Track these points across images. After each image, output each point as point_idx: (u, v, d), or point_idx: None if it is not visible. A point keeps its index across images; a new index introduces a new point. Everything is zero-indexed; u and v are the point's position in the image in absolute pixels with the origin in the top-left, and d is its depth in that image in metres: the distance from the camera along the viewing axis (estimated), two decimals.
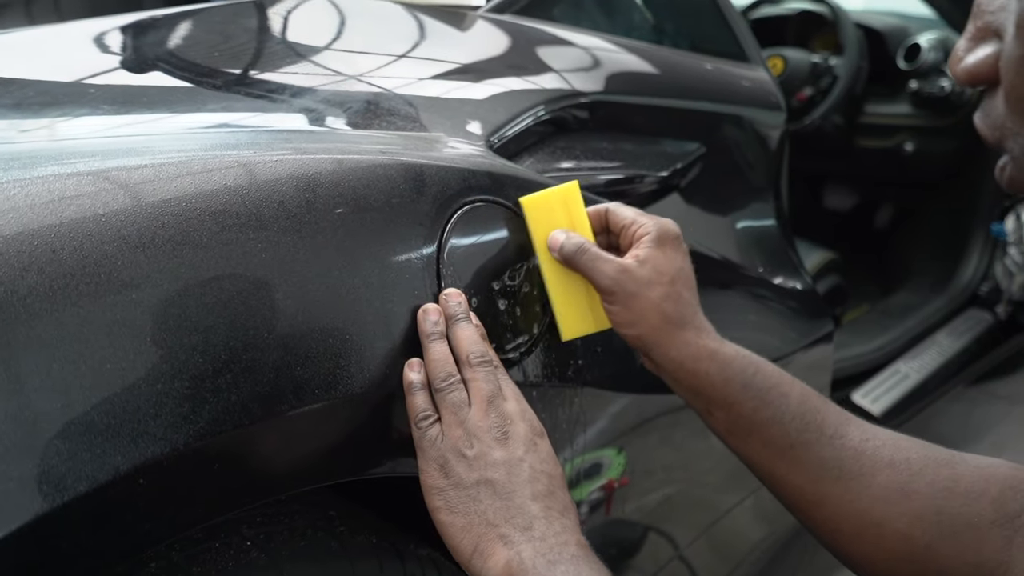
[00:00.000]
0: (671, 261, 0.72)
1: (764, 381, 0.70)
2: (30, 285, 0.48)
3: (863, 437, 0.67)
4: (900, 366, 2.03)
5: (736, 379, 0.69)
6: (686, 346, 0.71)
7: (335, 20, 0.98)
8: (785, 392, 0.69)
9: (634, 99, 1.08)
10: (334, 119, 0.78)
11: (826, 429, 0.68)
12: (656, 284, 0.71)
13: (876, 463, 0.66)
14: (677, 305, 0.71)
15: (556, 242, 0.73)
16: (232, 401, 0.54)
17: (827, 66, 2.29)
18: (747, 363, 0.71)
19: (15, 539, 0.46)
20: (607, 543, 1.01)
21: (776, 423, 0.68)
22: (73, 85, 0.78)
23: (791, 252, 1.30)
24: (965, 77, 0.48)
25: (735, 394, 0.69)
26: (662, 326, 0.71)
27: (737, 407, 0.69)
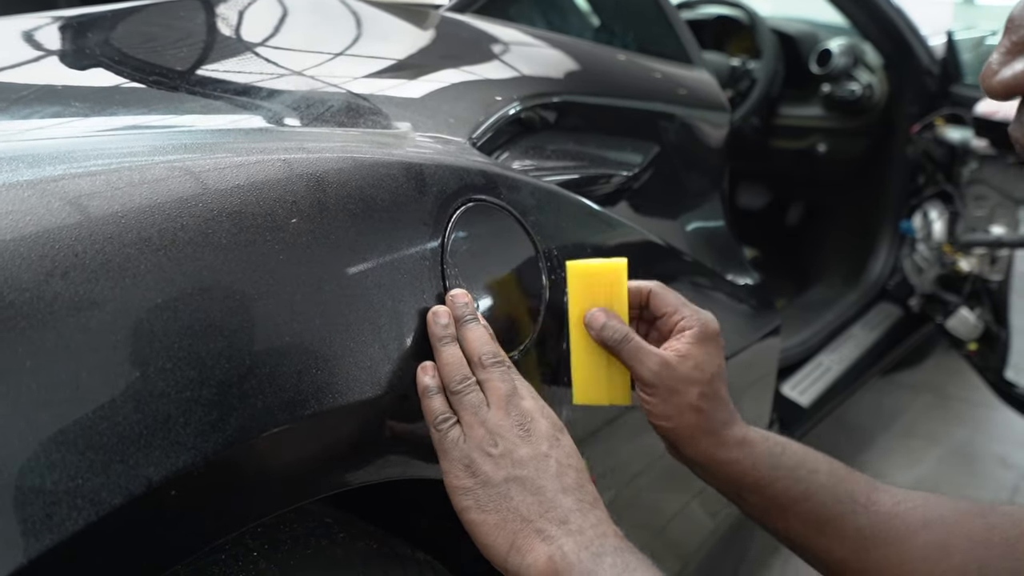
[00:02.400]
0: (712, 359, 0.72)
1: (791, 459, 0.71)
2: (55, 291, 0.46)
3: (894, 501, 0.69)
4: (823, 359, 2.11)
5: (764, 462, 0.71)
6: (716, 439, 0.72)
7: (306, 21, 0.96)
8: (813, 468, 0.71)
9: (597, 100, 1.10)
10: (324, 119, 0.77)
11: (859, 498, 0.69)
12: (696, 383, 0.71)
13: (912, 525, 0.67)
14: (714, 403, 0.71)
15: (597, 322, 0.72)
16: (258, 407, 0.52)
17: (745, 69, 2.36)
18: (773, 444, 0.72)
19: (48, 560, 0.43)
20: None
21: (809, 499, 0.69)
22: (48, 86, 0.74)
23: (738, 249, 1.33)
24: (1001, 90, 0.49)
25: (765, 477, 0.70)
26: (697, 422, 0.71)
27: (769, 489, 0.70)
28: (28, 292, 0.45)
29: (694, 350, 0.71)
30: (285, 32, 0.91)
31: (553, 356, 0.79)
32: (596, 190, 1.02)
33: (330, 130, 0.74)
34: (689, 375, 0.71)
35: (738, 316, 1.20)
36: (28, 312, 0.44)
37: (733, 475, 0.72)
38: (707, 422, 0.71)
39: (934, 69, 2.31)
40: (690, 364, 0.71)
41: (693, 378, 0.71)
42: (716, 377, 0.72)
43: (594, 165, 1.01)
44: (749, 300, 1.24)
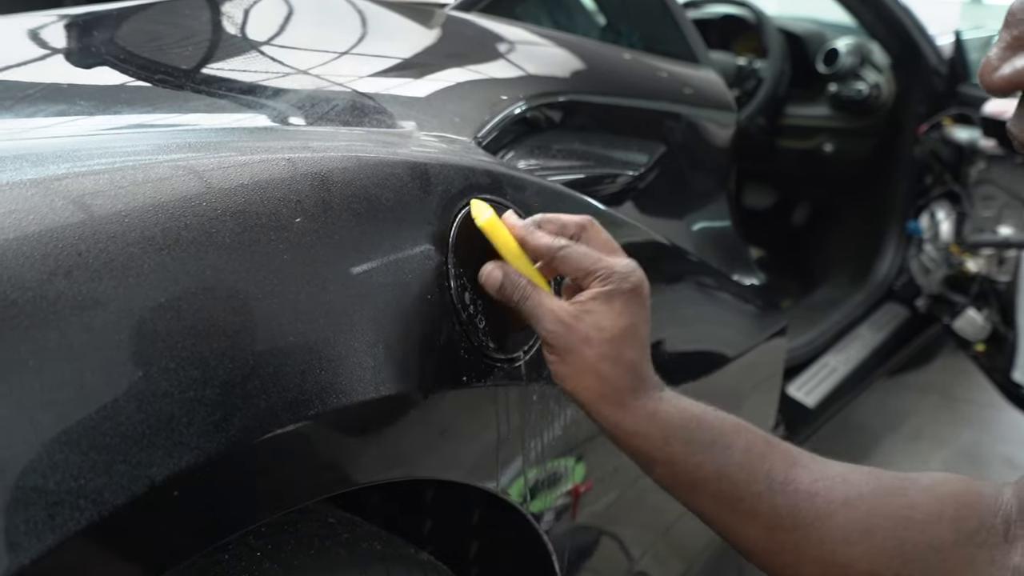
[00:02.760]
0: (619, 318, 0.66)
1: (706, 434, 0.66)
2: (59, 290, 0.46)
3: (812, 479, 0.65)
4: (829, 359, 2.10)
5: (677, 436, 0.66)
6: (624, 411, 0.66)
7: (301, 16, 0.95)
8: (728, 444, 0.66)
9: (603, 99, 1.09)
10: (329, 118, 0.76)
11: (775, 476, 0.65)
12: (594, 343, 0.65)
13: (831, 504, 0.64)
14: (616, 367, 0.66)
15: (495, 280, 0.68)
16: (261, 408, 0.52)
17: (752, 69, 2.36)
18: (688, 418, 0.67)
19: (50, 559, 0.43)
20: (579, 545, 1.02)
21: (722, 477, 0.65)
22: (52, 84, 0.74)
23: (745, 249, 1.33)
24: (1002, 86, 0.48)
25: (676, 452, 0.66)
26: (597, 387, 0.66)
27: (681, 465, 0.66)
28: (31, 291, 0.45)
29: (596, 307, 0.66)
30: (289, 30, 0.91)
31: None
32: (602, 190, 1.02)
33: (335, 129, 0.74)
34: (586, 334, 0.65)
35: (743, 317, 1.20)
36: (31, 311, 0.44)
37: (641, 448, 0.67)
38: (608, 388, 0.66)
39: (942, 69, 2.31)
40: (588, 322, 0.65)
41: (591, 338, 0.65)
42: (619, 339, 0.66)
43: (600, 165, 1.01)
44: (755, 300, 1.24)
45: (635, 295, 0.67)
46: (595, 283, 0.66)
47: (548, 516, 0.89)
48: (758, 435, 0.68)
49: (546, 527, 0.88)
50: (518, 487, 0.79)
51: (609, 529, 1.08)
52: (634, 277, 0.67)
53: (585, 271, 0.67)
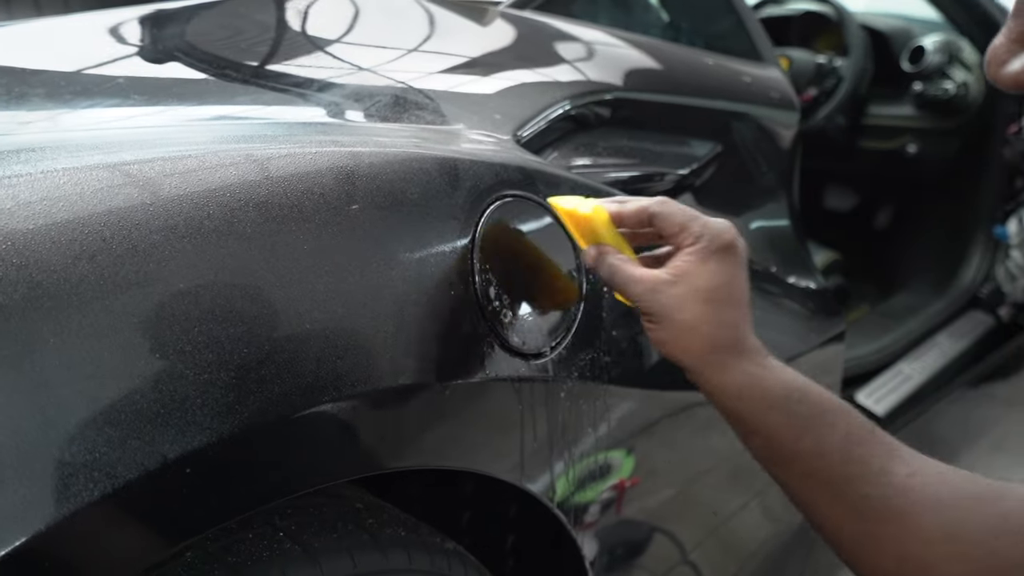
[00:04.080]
0: (713, 276, 0.65)
1: (809, 409, 0.65)
2: (82, 273, 0.48)
3: (909, 472, 0.63)
4: (903, 367, 2.04)
5: (779, 407, 0.65)
6: (725, 372, 0.66)
7: (361, 14, 0.98)
8: (831, 422, 0.65)
9: (654, 97, 1.09)
10: (366, 112, 0.78)
11: (872, 464, 0.63)
12: (692, 303, 0.65)
13: (923, 502, 0.62)
14: (716, 328, 0.65)
15: (591, 257, 0.70)
16: (276, 392, 0.54)
17: (832, 67, 2.30)
18: (792, 389, 0.65)
19: (66, 527, 0.46)
20: (619, 542, 1.02)
21: (819, 455, 0.64)
22: (103, 76, 0.78)
23: (804, 252, 1.30)
24: (1011, 82, 0.46)
25: (776, 423, 0.65)
26: (699, 349, 0.66)
27: (778, 436, 0.65)
28: (56, 273, 0.47)
29: (691, 268, 0.65)
30: (338, 28, 0.94)
31: (589, 354, 0.79)
32: (650, 188, 1.01)
33: (370, 124, 0.76)
34: (682, 295, 0.65)
35: (796, 319, 1.18)
36: (54, 292, 0.47)
37: (743, 415, 0.66)
38: (709, 349, 0.65)
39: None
40: (684, 285, 0.65)
41: (687, 298, 0.65)
42: (717, 298, 0.65)
43: (647, 163, 1.01)
44: (808, 304, 1.21)
45: (729, 253, 0.66)
46: (687, 242, 0.66)
47: (584, 511, 0.90)
48: (861, 420, 0.66)
49: (584, 521, 0.89)
50: (545, 481, 0.80)
51: (656, 525, 1.07)
52: (728, 235, 0.67)
53: (681, 225, 0.67)
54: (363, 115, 0.78)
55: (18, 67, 0.80)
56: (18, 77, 0.77)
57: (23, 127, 0.66)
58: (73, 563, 0.48)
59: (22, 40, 0.89)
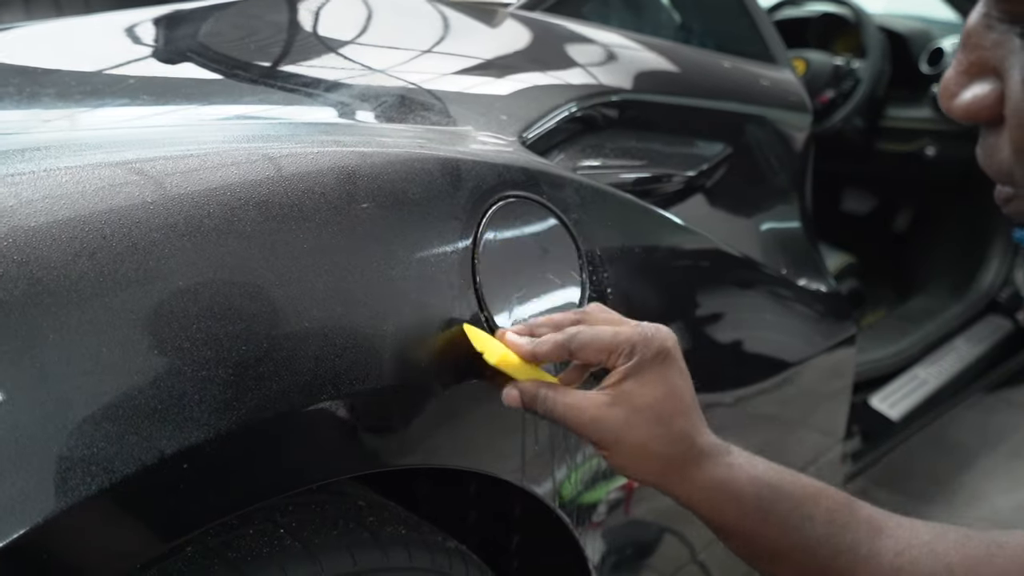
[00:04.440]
0: (654, 390, 0.62)
1: (784, 505, 0.63)
2: (82, 270, 0.49)
3: (897, 550, 0.62)
4: (918, 371, 2.02)
5: (752, 508, 0.63)
6: (689, 484, 0.63)
7: (370, 15, 0.98)
8: (809, 514, 0.63)
9: (662, 98, 1.09)
10: (371, 113, 0.79)
11: (859, 549, 0.62)
12: (637, 425, 0.62)
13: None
14: (668, 444, 0.62)
15: (513, 400, 0.65)
16: (273, 389, 0.55)
17: (849, 69, 2.28)
18: (762, 486, 0.63)
19: (64, 519, 0.47)
20: (627, 543, 1.02)
21: (802, 550, 0.62)
22: (113, 76, 0.79)
23: (815, 254, 1.30)
24: (962, 115, 0.45)
25: (753, 526, 0.63)
26: (656, 468, 0.63)
27: (758, 539, 0.63)
28: (56, 270, 0.48)
29: (628, 386, 0.62)
30: (345, 29, 0.94)
31: None
32: (658, 189, 1.01)
33: (374, 125, 0.76)
34: (624, 418, 0.62)
35: (806, 323, 1.17)
36: (54, 289, 0.48)
37: (714, 520, 0.64)
38: (667, 465, 0.63)
39: None
40: (623, 408, 0.62)
41: (629, 420, 0.62)
42: (661, 413, 0.62)
43: (655, 165, 1.01)
44: (818, 307, 1.20)
45: (663, 359, 0.63)
46: (620, 361, 0.63)
47: (588, 511, 0.90)
48: (839, 501, 0.64)
49: (589, 522, 0.89)
50: (547, 482, 0.80)
51: (665, 525, 1.07)
52: (656, 341, 0.63)
53: (606, 351, 0.63)
54: (368, 115, 0.79)
55: (32, 67, 0.81)
56: (30, 77, 0.78)
57: (33, 126, 0.67)
58: (71, 556, 0.48)
59: (40, 41, 0.90)
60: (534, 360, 0.65)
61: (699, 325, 0.96)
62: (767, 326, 1.10)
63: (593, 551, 0.92)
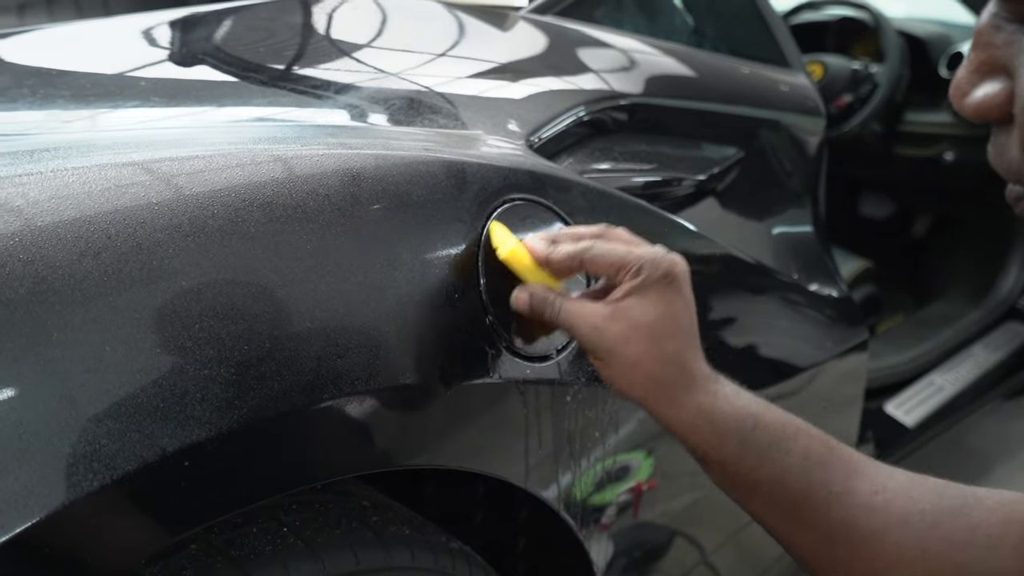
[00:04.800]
0: (654, 309, 0.64)
1: (763, 436, 0.64)
2: (86, 270, 0.50)
3: (872, 490, 0.62)
4: (935, 378, 2.00)
5: (732, 436, 0.64)
6: (674, 406, 0.65)
7: (380, 19, 0.99)
8: (787, 448, 0.63)
9: (673, 102, 1.09)
10: (378, 116, 0.80)
11: (833, 486, 0.63)
12: (632, 340, 0.64)
13: (888, 520, 0.61)
14: (659, 363, 0.64)
15: (522, 301, 0.68)
16: (275, 389, 0.55)
17: (867, 73, 2.27)
18: (744, 416, 0.64)
19: (66, 515, 0.47)
20: (635, 545, 1.02)
21: (777, 483, 0.63)
22: (126, 77, 0.80)
23: (827, 259, 1.29)
24: (973, 113, 0.46)
25: (730, 452, 0.64)
26: (645, 385, 0.65)
27: (734, 466, 0.64)
28: (61, 269, 0.49)
29: (630, 302, 0.64)
30: (356, 32, 0.95)
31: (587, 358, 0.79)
32: (667, 193, 1.01)
33: (380, 127, 0.77)
34: (622, 332, 0.64)
35: (817, 327, 1.17)
36: (59, 288, 0.49)
37: (696, 446, 0.65)
38: (656, 384, 0.64)
39: None
40: (623, 322, 0.64)
41: (627, 335, 0.63)
42: (658, 332, 0.64)
43: (664, 168, 1.01)
44: (829, 312, 1.20)
45: (669, 282, 0.65)
46: (627, 277, 0.65)
47: (594, 514, 0.90)
48: (819, 439, 0.65)
49: (595, 524, 0.89)
50: (551, 484, 0.80)
51: (674, 528, 1.07)
52: (665, 263, 0.65)
53: (616, 265, 0.65)
54: (375, 119, 0.79)
55: (47, 68, 0.83)
56: (45, 78, 0.79)
57: (44, 127, 0.68)
58: (73, 550, 0.49)
59: (56, 43, 0.92)
60: (547, 265, 0.67)
61: (707, 329, 0.95)
62: (776, 331, 1.10)
63: (600, 553, 0.92)
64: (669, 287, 0.65)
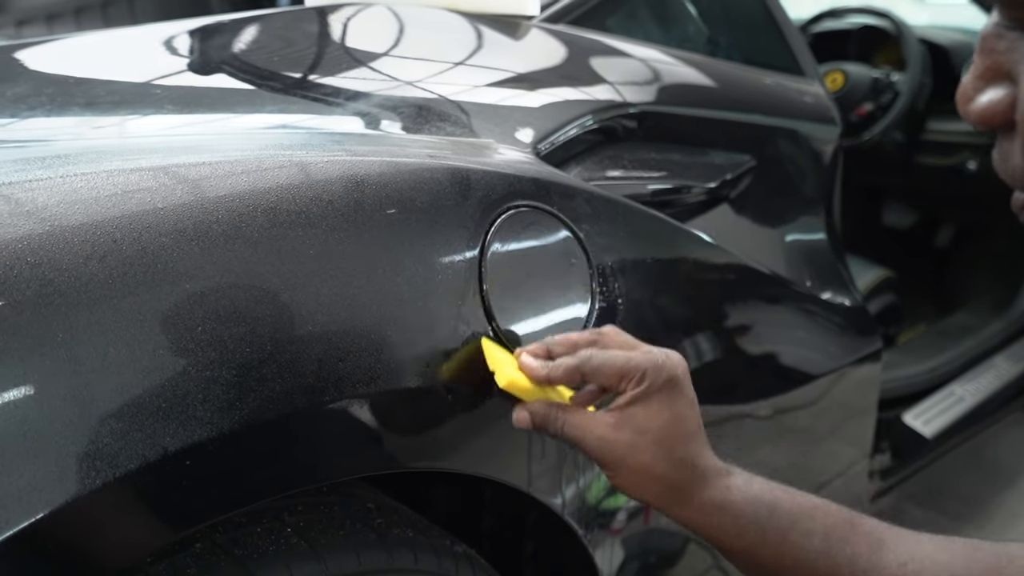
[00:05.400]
0: (660, 416, 0.64)
1: (782, 522, 0.64)
2: (92, 272, 0.51)
3: (899, 561, 0.62)
4: (955, 388, 1.98)
5: (750, 528, 0.64)
6: (689, 506, 0.65)
7: (391, 27, 1.00)
8: (808, 529, 0.64)
9: (683, 110, 1.09)
10: (386, 123, 0.81)
11: (859, 562, 0.62)
12: (640, 448, 0.64)
13: None
14: (670, 468, 0.64)
15: (524, 422, 0.68)
16: (276, 391, 0.56)
17: (888, 81, 2.26)
18: (760, 506, 0.65)
19: (69, 511, 0.49)
20: (646, 551, 1.02)
21: (802, 566, 0.63)
22: (140, 85, 0.82)
23: (841, 268, 1.29)
24: (977, 119, 0.46)
25: (752, 544, 0.64)
26: (656, 489, 0.65)
27: (757, 556, 0.65)
28: (67, 272, 0.50)
29: (635, 410, 0.65)
30: (367, 41, 0.96)
31: None
32: (677, 201, 1.02)
33: (386, 135, 0.78)
34: (632, 441, 0.64)
35: (828, 337, 1.16)
36: (65, 290, 0.50)
37: (717, 540, 0.66)
38: (669, 488, 0.65)
39: None
40: (630, 429, 0.64)
41: (637, 444, 0.64)
42: (665, 436, 0.64)
43: (674, 176, 1.01)
44: (842, 321, 1.20)
45: (672, 386, 0.65)
46: (630, 386, 0.65)
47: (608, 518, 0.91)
48: (840, 516, 0.65)
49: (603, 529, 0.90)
50: (555, 489, 0.81)
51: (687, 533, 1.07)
52: (667, 368, 0.65)
53: (618, 375, 0.65)
54: (383, 126, 0.80)
55: (66, 76, 0.85)
56: (62, 86, 0.81)
57: (58, 134, 0.70)
58: (76, 545, 0.50)
59: (79, 52, 0.94)
60: (548, 384, 0.68)
61: (713, 338, 0.96)
62: (786, 339, 1.09)
63: (605, 559, 0.92)
64: (673, 391, 0.66)
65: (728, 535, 0.65)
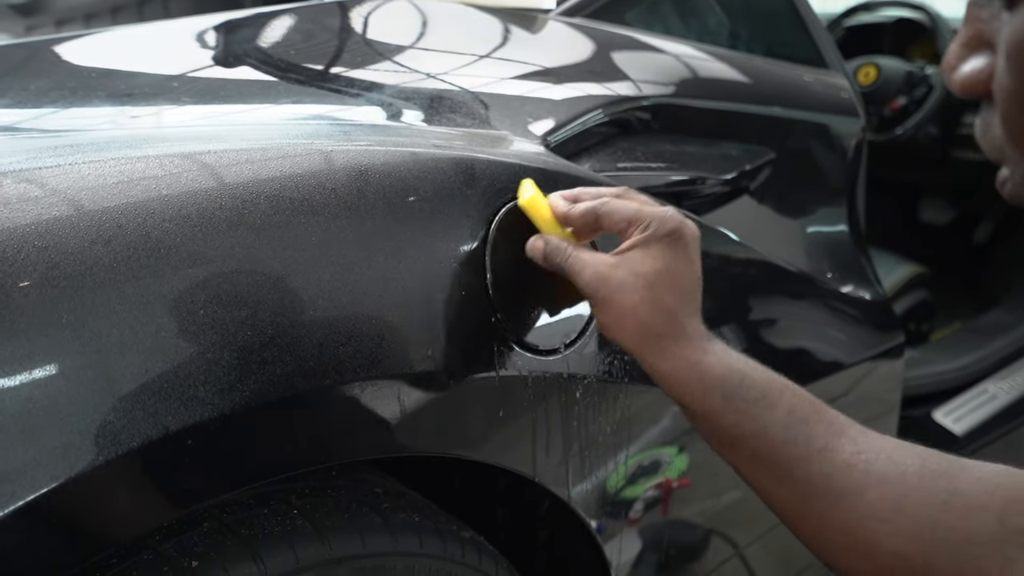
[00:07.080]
0: (655, 261, 0.67)
1: (749, 392, 0.65)
2: (97, 256, 0.53)
3: (855, 450, 0.62)
4: (988, 386, 1.95)
5: (717, 390, 0.65)
6: (663, 358, 0.67)
7: (409, 21, 1.02)
8: (772, 402, 0.64)
9: (700, 103, 1.09)
10: (398, 114, 0.82)
11: (815, 442, 0.63)
12: (630, 288, 0.67)
13: (867, 478, 0.61)
14: (653, 313, 0.66)
15: (537, 249, 0.72)
16: (276, 373, 0.58)
17: (923, 75, 2.23)
18: (730, 372, 0.66)
19: (73, 486, 0.50)
20: (666, 542, 1.02)
21: (760, 436, 0.64)
22: (159, 79, 0.84)
23: (863, 262, 1.27)
24: (959, 88, 0.46)
25: (715, 407, 0.65)
26: (637, 334, 0.67)
27: (719, 420, 0.66)
28: (72, 256, 0.52)
29: (633, 254, 0.67)
30: (381, 33, 0.97)
31: (605, 352, 0.80)
32: (692, 192, 1.02)
33: (393, 125, 0.79)
34: (622, 280, 0.67)
35: (846, 330, 1.15)
36: (70, 273, 0.52)
37: (681, 397, 0.67)
38: (648, 333, 0.67)
39: None
40: (624, 270, 0.67)
41: (627, 284, 0.66)
42: (656, 283, 0.66)
43: (689, 168, 1.01)
44: (862, 315, 1.18)
45: (674, 239, 0.68)
46: (635, 232, 0.68)
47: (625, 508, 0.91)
48: (806, 399, 0.66)
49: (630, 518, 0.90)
50: (561, 478, 0.81)
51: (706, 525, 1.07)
52: (673, 222, 0.68)
53: (627, 220, 0.69)
54: (395, 117, 0.81)
55: (89, 68, 0.87)
56: (85, 80, 0.84)
57: (75, 125, 0.73)
58: (78, 519, 0.52)
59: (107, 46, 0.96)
60: (565, 221, 0.72)
61: (728, 333, 0.96)
62: (803, 332, 1.09)
63: (616, 550, 0.92)
64: (674, 245, 0.68)
65: (694, 395, 0.66)
